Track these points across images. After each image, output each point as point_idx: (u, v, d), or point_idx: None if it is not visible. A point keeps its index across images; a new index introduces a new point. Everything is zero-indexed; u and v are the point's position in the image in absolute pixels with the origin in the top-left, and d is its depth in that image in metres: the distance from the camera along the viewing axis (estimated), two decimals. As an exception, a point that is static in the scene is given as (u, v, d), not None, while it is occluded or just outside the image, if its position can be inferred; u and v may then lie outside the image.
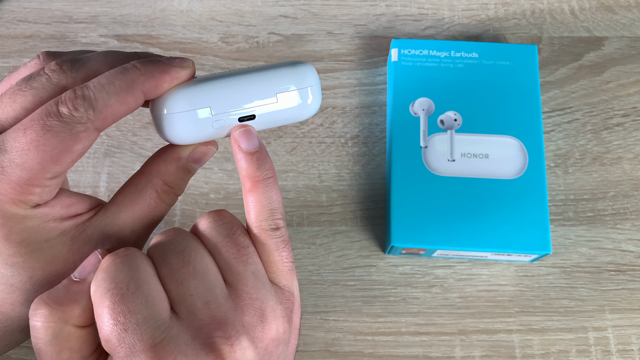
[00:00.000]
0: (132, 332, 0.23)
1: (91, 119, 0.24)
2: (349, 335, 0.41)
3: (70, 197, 0.26)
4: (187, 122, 0.26)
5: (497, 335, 0.41)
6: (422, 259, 0.43)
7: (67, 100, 0.24)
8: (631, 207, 0.44)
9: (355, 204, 0.44)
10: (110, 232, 0.26)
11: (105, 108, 0.24)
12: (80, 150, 0.24)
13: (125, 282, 0.23)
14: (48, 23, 0.49)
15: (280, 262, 0.27)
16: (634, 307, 0.41)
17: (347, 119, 0.46)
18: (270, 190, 0.27)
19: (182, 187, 0.28)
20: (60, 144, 0.24)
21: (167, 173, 0.27)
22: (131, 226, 0.27)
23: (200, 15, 0.49)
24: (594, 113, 0.46)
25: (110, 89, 0.24)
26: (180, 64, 0.26)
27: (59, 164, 0.24)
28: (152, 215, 0.27)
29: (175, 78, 0.26)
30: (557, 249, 0.43)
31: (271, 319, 0.25)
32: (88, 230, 0.26)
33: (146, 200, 0.27)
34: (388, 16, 0.50)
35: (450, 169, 0.42)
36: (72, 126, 0.24)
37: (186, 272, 0.24)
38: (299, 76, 0.27)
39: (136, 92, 0.25)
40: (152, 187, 0.27)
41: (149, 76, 0.25)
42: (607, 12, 0.49)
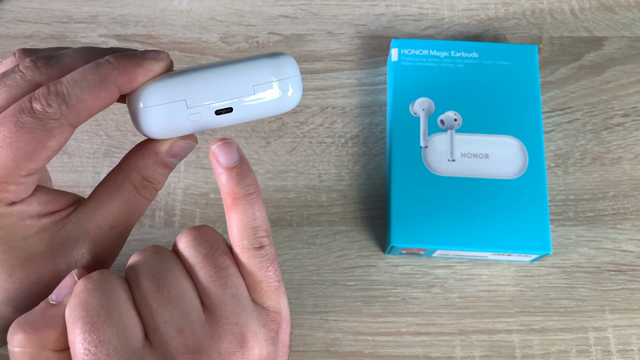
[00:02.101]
0: None
1: (65, 115, 0.24)
2: (349, 335, 0.41)
3: (48, 194, 0.26)
4: (162, 115, 0.25)
5: (497, 335, 0.41)
6: (422, 259, 0.43)
7: (40, 97, 0.24)
8: (631, 207, 0.44)
9: (355, 204, 0.44)
10: (89, 229, 0.26)
11: (79, 103, 0.24)
12: (54, 146, 0.24)
13: (96, 309, 0.23)
14: (48, 23, 0.49)
15: (265, 283, 0.26)
16: (634, 307, 0.41)
17: (347, 119, 0.46)
18: (253, 206, 0.26)
19: (162, 182, 0.28)
20: (33, 141, 0.23)
21: (145, 168, 0.27)
22: (111, 222, 0.26)
23: (200, 15, 0.49)
24: (594, 113, 0.46)
25: (83, 84, 0.24)
26: (155, 56, 0.26)
27: (33, 161, 0.24)
28: (131, 210, 0.27)
29: (149, 71, 0.25)
30: (557, 249, 0.43)
31: (252, 344, 0.25)
32: (67, 226, 0.26)
33: (125, 196, 0.26)
34: (388, 16, 0.49)
35: (450, 169, 0.42)
36: (46, 122, 0.24)
37: (160, 297, 0.23)
38: (278, 68, 0.26)
39: (110, 86, 0.25)
40: (130, 182, 0.26)
41: (122, 70, 0.25)
42: (607, 12, 0.49)
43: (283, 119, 0.46)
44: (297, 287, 0.42)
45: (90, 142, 0.45)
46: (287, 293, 0.42)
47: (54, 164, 0.44)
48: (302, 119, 0.46)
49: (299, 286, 0.42)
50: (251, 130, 0.46)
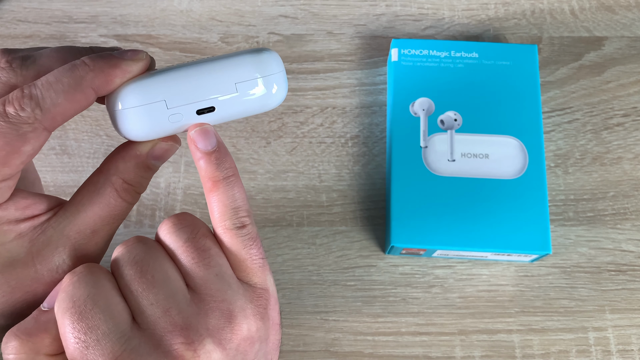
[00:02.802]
0: (93, 349, 0.22)
1: (39, 119, 0.23)
2: (349, 335, 0.41)
3: (27, 199, 0.25)
4: (142, 117, 0.25)
5: (497, 335, 0.41)
6: (422, 259, 0.43)
7: (14, 100, 0.23)
8: (631, 207, 0.44)
9: (355, 204, 0.44)
10: (70, 233, 0.25)
11: (54, 107, 0.24)
12: (29, 151, 0.24)
13: (82, 299, 0.23)
14: (48, 23, 0.49)
15: (250, 260, 0.26)
16: (634, 307, 0.41)
17: (347, 119, 0.46)
18: (232, 188, 0.26)
19: (144, 185, 0.27)
20: (6, 146, 0.23)
21: (126, 171, 0.26)
22: (92, 226, 0.26)
23: (200, 15, 0.49)
24: (594, 113, 0.46)
25: (58, 87, 0.24)
26: (132, 57, 0.25)
27: (7, 166, 0.23)
28: (113, 214, 0.26)
29: (126, 72, 0.25)
30: (557, 249, 0.43)
31: (240, 319, 0.25)
32: (47, 231, 0.25)
33: (105, 199, 0.26)
34: (388, 16, 0.49)
35: (450, 169, 0.42)
36: (19, 127, 0.23)
37: (144, 282, 0.24)
38: (262, 64, 0.25)
39: (86, 89, 0.24)
40: (111, 186, 0.26)
41: (99, 72, 0.24)
42: (607, 12, 0.49)
43: (283, 119, 0.46)
44: (297, 287, 0.42)
45: (90, 142, 0.45)
46: (287, 293, 0.42)
47: (54, 164, 0.44)
48: (302, 119, 0.46)
49: (299, 286, 0.42)
50: (251, 130, 0.46)
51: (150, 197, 0.44)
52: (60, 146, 0.45)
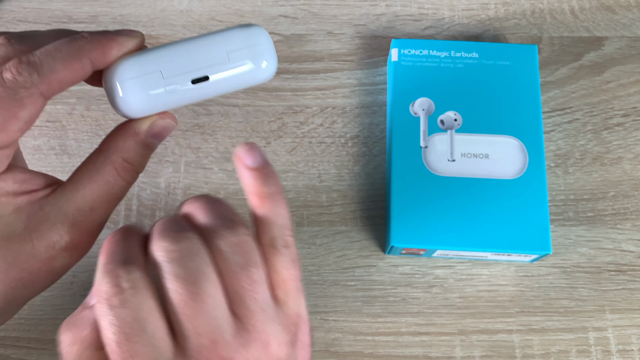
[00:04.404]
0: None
1: (35, 84, 0.24)
2: (349, 335, 0.41)
3: (24, 173, 0.26)
4: (139, 89, 0.25)
5: (497, 335, 0.41)
6: (422, 259, 0.43)
7: (11, 66, 0.24)
8: (631, 207, 0.44)
9: (355, 204, 0.44)
10: (68, 210, 0.26)
11: (51, 73, 0.24)
12: (26, 117, 0.24)
13: (128, 322, 0.22)
14: (48, 23, 0.49)
15: (290, 281, 0.26)
16: (634, 307, 0.41)
17: (347, 119, 0.46)
18: (278, 205, 0.26)
19: (143, 164, 0.28)
20: (3, 110, 0.23)
21: (126, 149, 0.27)
22: (90, 204, 0.26)
23: (200, 15, 0.49)
24: (594, 113, 0.46)
25: (56, 55, 0.24)
26: (128, 34, 0.26)
27: (4, 132, 0.24)
28: (111, 192, 0.27)
29: (122, 46, 0.26)
30: (557, 249, 0.43)
31: (274, 347, 0.25)
32: (45, 208, 0.25)
33: (104, 177, 0.26)
34: (388, 16, 0.50)
35: (450, 169, 0.42)
36: (16, 91, 0.24)
37: (194, 308, 0.23)
38: (251, 36, 0.26)
39: (83, 58, 0.25)
40: (111, 164, 0.26)
41: (96, 43, 0.25)
42: (607, 12, 0.49)
43: (283, 119, 0.46)
44: (297, 287, 0.42)
45: (90, 142, 0.45)
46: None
47: (54, 164, 0.44)
48: (302, 119, 0.46)
49: (299, 286, 0.42)
50: (251, 130, 0.46)
51: (150, 197, 0.44)
52: (60, 146, 0.45)
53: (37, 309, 0.41)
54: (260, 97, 0.47)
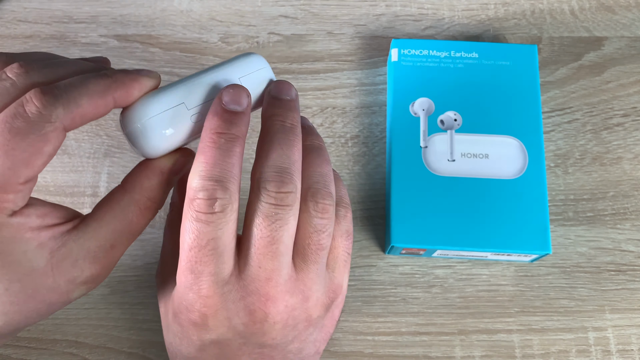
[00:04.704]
0: (197, 277, 0.25)
1: (60, 118, 0.24)
2: (349, 335, 0.41)
3: (44, 207, 0.26)
4: (166, 123, 0.26)
5: (497, 335, 0.41)
6: (422, 259, 0.43)
7: (34, 99, 0.23)
8: (631, 207, 0.44)
9: (355, 204, 0.44)
10: (91, 247, 0.26)
11: (76, 108, 0.24)
12: (50, 151, 0.24)
13: (207, 237, 0.25)
14: (48, 23, 0.49)
15: (342, 250, 0.29)
16: (634, 307, 0.41)
17: (347, 119, 0.46)
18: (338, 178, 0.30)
19: (164, 201, 0.28)
20: (29, 147, 0.23)
21: (151, 189, 0.27)
22: (112, 241, 0.26)
23: (200, 15, 0.49)
24: (594, 113, 0.46)
25: (82, 90, 0.24)
26: (148, 74, 0.27)
27: (30, 168, 0.24)
28: (133, 230, 0.27)
29: (144, 87, 0.27)
30: (557, 249, 0.43)
31: (311, 304, 0.27)
32: (68, 244, 0.25)
33: (128, 217, 0.27)
34: (388, 16, 0.50)
35: (450, 169, 0.42)
36: (41, 126, 0.23)
37: (269, 247, 0.25)
38: (254, 63, 0.29)
39: (107, 97, 0.25)
40: (135, 204, 0.27)
41: (120, 83, 0.26)
42: (607, 12, 0.49)
43: (283, 119, 0.46)
44: (297, 287, 0.42)
45: (91, 142, 0.45)
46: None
47: (54, 164, 0.44)
48: (302, 119, 0.46)
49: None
50: (251, 130, 0.46)
51: (151, 197, 0.44)
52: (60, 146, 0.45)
53: (37, 309, 0.41)
54: (260, 97, 0.47)
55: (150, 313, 0.41)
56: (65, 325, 0.41)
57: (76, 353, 0.40)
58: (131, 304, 0.41)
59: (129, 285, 0.42)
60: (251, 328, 0.26)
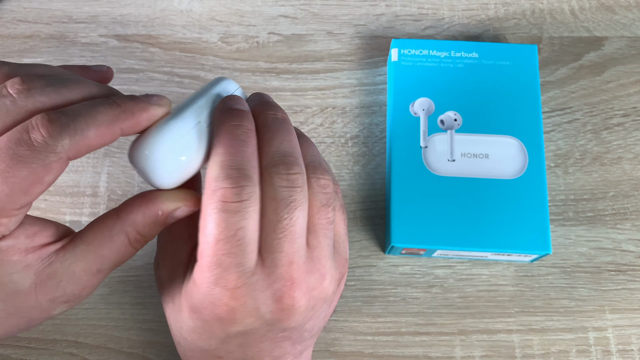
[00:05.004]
0: (225, 270, 0.25)
1: (65, 149, 0.23)
2: (349, 335, 0.41)
3: (34, 225, 0.25)
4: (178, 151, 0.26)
5: (497, 335, 0.41)
6: (422, 259, 0.43)
7: (40, 127, 0.23)
8: (631, 207, 0.44)
9: (355, 204, 0.44)
10: (76, 270, 0.26)
11: (83, 139, 0.23)
12: (50, 180, 0.23)
13: (234, 228, 0.24)
14: (48, 23, 0.49)
15: (342, 224, 0.30)
16: (634, 307, 0.41)
17: (347, 119, 0.46)
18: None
19: (154, 236, 0.28)
20: (30, 175, 0.23)
21: (144, 225, 0.27)
22: (98, 266, 0.26)
23: (200, 15, 0.49)
24: (594, 113, 0.46)
25: (90, 120, 0.24)
26: (158, 102, 0.26)
27: (28, 195, 0.23)
28: (120, 258, 0.27)
29: (153, 117, 0.26)
30: (557, 249, 0.43)
31: (327, 282, 0.28)
32: (54, 265, 0.25)
33: (116, 246, 0.26)
34: (388, 16, 0.50)
35: (450, 169, 0.42)
36: (45, 156, 0.23)
37: (287, 232, 0.26)
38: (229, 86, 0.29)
39: (115, 128, 0.24)
40: (125, 236, 0.26)
41: (129, 114, 0.25)
42: (607, 12, 0.49)
43: (283, 119, 0.46)
44: (297, 287, 0.42)
45: (90, 142, 0.45)
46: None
47: (54, 164, 0.44)
48: (302, 119, 0.46)
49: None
50: (251, 130, 0.46)
51: (150, 197, 0.44)
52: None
53: (37, 309, 0.41)
54: (260, 97, 0.47)
55: (150, 313, 0.41)
56: (65, 325, 0.41)
57: (76, 353, 0.40)
58: (131, 304, 0.41)
59: (129, 285, 0.42)
60: (278, 315, 0.27)
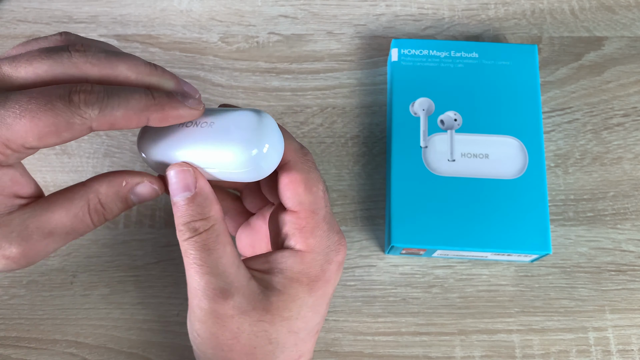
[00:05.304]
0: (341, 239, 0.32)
1: (92, 118, 0.25)
2: (349, 335, 0.41)
3: (23, 176, 0.27)
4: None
5: (497, 335, 0.41)
6: (422, 259, 0.43)
7: (81, 92, 0.25)
8: (631, 207, 0.44)
9: (355, 204, 0.44)
10: (30, 226, 0.26)
11: (110, 115, 0.25)
12: (65, 138, 0.25)
13: None
14: (48, 23, 0.49)
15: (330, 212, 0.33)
16: (634, 307, 0.41)
17: (347, 119, 0.46)
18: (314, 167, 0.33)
19: (115, 214, 0.29)
20: (53, 125, 0.25)
21: (106, 194, 0.28)
22: (50, 228, 0.27)
23: (200, 15, 0.49)
24: (594, 113, 0.46)
25: (122, 103, 0.26)
26: (193, 105, 0.28)
27: (41, 141, 0.25)
28: (74, 227, 0.27)
29: (181, 117, 0.27)
30: (557, 249, 0.43)
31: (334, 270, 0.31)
32: (12, 215, 0.26)
33: (75, 209, 0.27)
34: (388, 16, 0.50)
35: (450, 169, 0.42)
36: (73, 115, 0.25)
37: None
38: None
39: (142, 116, 0.26)
40: (86, 201, 0.27)
41: (159, 108, 0.26)
42: (607, 12, 0.49)
43: (283, 119, 0.46)
44: (297, 287, 0.42)
45: (90, 142, 0.45)
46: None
47: (54, 164, 0.44)
48: (302, 119, 0.46)
49: (299, 286, 0.42)
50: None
51: (150, 197, 0.44)
52: (60, 146, 0.45)
53: (37, 309, 0.41)
54: (260, 97, 0.47)
55: (150, 313, 0.41)
56: (65, 325, 0.41)
57: (76, 353, 0.40)
58: (131, 304, 0.41)
59: (129, 285, 0.42)
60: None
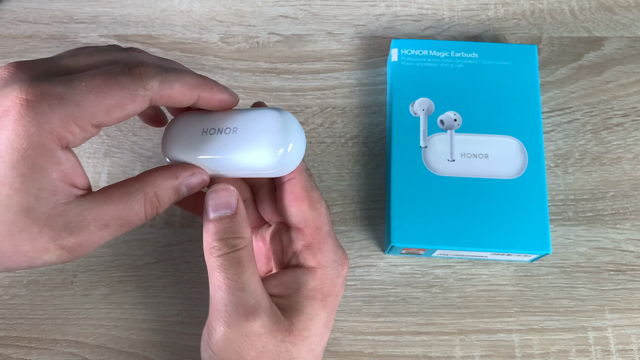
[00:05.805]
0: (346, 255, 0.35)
1: (153, 89, 0.27)
2: (349, 335, 0.41)
3: (80, 167, 0.27)
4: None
5: (497, 335, 0.41)
6: (422, 259, 0.43)
7: (140, 66, 0.27)
8: (631, 207, 0.44)
9: (355, 204, 0.44)
10: (88, 217, 0.27)
11: (169, 87, 0.27)
12: (129, 111, 0.26)
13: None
14: (48, 23, 0.49)
15: None
16: (634, 307, 0.41)
17: (347, 119, 0.46)
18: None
19: (166, 206, 0.30)
20: (118, 97, 0.26)
21: (162, 187, 0.29)
22: (107, 220, 0.27)
23: (200, 16, 0.49)
24: (593, 113, 0.46)
25: (178, 77, 0.28)
26: (233, 94, 0.31)
27: (108, 115, 0.26)
28: (129, 219, 0.28)
29: (223, 101, 0.30)
30: (557, 249, 0.43)
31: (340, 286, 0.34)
32: (70, 205, 0.26)
33: (132, 202, 0.28)
34: (388, 16, 0.50)
35: (450, 169, 0.42)
36: (137, 87, 0.26)
37: None
38: None
39: (194, 92, 0.29)
40: (143, 194, 0.28)
41: (209, 88, 0.29)
42: (607, 12, 0.49)
43: (283, 119, 0.46)
44: (297, 287, 0.42)
45: (91, 142, 0.45)
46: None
47: (54, 164, 0.44)
48: (302, 119, 0.46)
49: (299, 286, 0.42)
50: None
51: (151, 197, 0.44)
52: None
53: (37, 309, 0.41)
54: (260, 98, 0.47)
55: (150, 313, 0.41)
56: (65, 325, 0.41)
57: (76, 353, 0.40)
58: (131, 304, 0.41)
59: (129, 285, 0.42)
60: None
